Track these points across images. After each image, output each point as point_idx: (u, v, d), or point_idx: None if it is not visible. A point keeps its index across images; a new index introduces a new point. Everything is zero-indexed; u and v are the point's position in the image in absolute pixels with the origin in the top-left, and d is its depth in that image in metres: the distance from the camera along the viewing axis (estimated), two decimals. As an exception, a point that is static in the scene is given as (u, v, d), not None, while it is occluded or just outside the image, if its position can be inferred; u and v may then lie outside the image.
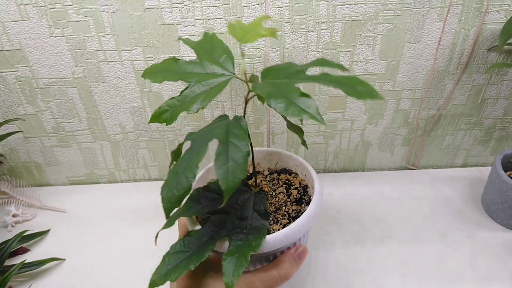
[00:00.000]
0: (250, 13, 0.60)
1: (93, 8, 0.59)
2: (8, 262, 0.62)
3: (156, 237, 0.39)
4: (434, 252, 0.62)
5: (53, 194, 0.78)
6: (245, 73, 0.41)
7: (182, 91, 0.39)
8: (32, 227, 0.69)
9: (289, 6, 0.60)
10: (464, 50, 0.66)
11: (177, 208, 0.35)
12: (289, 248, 0.44)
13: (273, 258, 0.44)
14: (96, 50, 0.63)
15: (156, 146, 0.76)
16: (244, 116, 0.40)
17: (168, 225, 0.39)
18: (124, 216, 0.71)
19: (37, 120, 0.71)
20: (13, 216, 0.70)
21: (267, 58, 0.65)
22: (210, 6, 0.60)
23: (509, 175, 0.67)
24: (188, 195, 0.43)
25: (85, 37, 0.62)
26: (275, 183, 0.54)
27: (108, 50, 0.64)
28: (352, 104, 0.72)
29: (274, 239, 0.40)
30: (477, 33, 0.64)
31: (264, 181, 0.55)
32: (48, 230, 0.69)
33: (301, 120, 0.52)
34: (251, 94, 0.40)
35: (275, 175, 0.55)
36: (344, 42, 0.64)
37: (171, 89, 0.68)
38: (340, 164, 0.81)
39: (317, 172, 0.82)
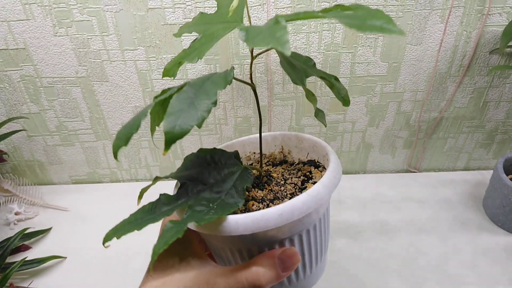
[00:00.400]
0: (252, 14, 0.61)
1: (97, 8, 0.60)
2: (9, 259, 0.63)
3: (140, 197, 0.36)
4: (435, 255, 0.61)
5: (55, 192, 0.78)
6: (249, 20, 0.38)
7: (193, 41, 0.35)
8: (34, 225, 0.70)
9: (291, 7, 0.61)
10: (466, 52, 0.66)
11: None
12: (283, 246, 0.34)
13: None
14: (100, 50, 0.64)
15: (158, 146, 0.77)
16: (251, 73, 0.36)
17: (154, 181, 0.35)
18: (126, 216, 0.71)
19: (40, 118, 0.72)
20: (16, 214, 0.71)
21: (268, 59, 0.65)
22: (212, 7, 0.60)
23: (511, 179, 0.67)
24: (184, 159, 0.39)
25: (88, 37, 0.63)
26: (292, 172, 0.43)
27: (111, 50, 0.64)
28: (353, 106, 0.72)
29: (243, 220, 0.31)
30: (479, 35, 0.64)
31: (280, 168, 0.46)
32: (50, 228, 0.69)
33: (318, 113, 0.43)
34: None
35: (300, 165, 0.45)
36: (345, 43, 0.64)
37: (173, 89, 0.69)
38: (341, 166, 0.81)
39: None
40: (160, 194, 0.35)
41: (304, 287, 0.39)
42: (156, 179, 0.36)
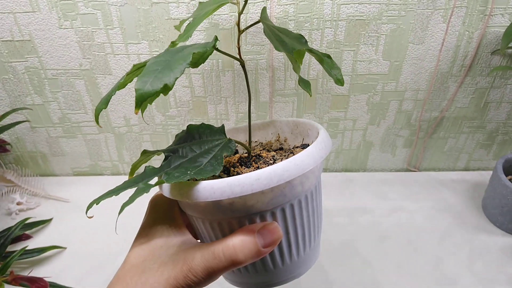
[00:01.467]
0: (255, 10, 0.61)
1: (102, 1, 0.61)
2: (10, 248, 0.64)
3: (132, 173, 0.37)
4: (433, 254, 0.62)
5: (57, 184, 0.79)
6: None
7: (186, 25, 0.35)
8: (36, 216, 0.71)
9: (294, 4, 0.61)
10: (468, 53, 0.66)
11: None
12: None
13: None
14: (104, 43, 0.65)
15: (160, 140, 0.77)
16: (239, 53, 0.37)
17: (143, 158, 0.36)
18: (126, 208, 0.72)
19: (44, 110, 0.73)
20: (18, 204, 0.71)
21: (270, 55, 0.66)
22: (216, 2, 0.61)
23: (510, 180, 0.67)
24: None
25: (93, 30, 0.63)
26: (284, 155, 0.42)
27: (115, 43, 0.65)
28: (354, 103, 0.72)
29: (218, 185, 0.29)
30: (481, 36, 0.64)
31: (274, 152, 0.44)
32: (51, 219, 0.70)
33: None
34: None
35: (293, 149, 0.44)
36: (347, 41, 0.65)
37: (176, 83, 0.69)
38: (342, 163, 0.82)
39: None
40: (146, 167, 0.35)
41: (291, 273, 0.37)
42: (144, 152, 0.37)
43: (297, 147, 0.43)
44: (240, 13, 0.36)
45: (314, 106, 0.72)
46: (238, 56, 0.36)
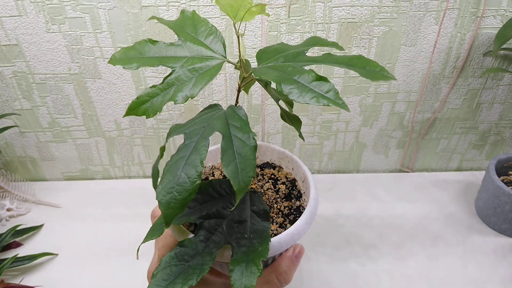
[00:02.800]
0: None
1: (90, 4, 0.60)
2: (1, 256, 0.63)
3: (138, 250, 0.33)
4: (426, 255, 0.62)
5: (47, 189, 0.78)
6: (240, 57, 0.37)
7: (165, 77, 0.34)
8: (26, 222, 0.70)
9: (286, 6, 0.60)
10: (460, 54, 0.66)
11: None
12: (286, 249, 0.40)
13: (271, 261, 0.40)
14: (93, 47, 0.64)
15: (151, 144, 0.76)
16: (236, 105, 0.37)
17: (152, 235, 0.33)
18: (118, 213, 0.71)
19: (33, 115, 0.71)
20: (8, 210, 0.70)
21: (263, 58, 0.65)
22: (206, 5, 0.60)
23: (502, 180, 0.67)
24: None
25: (81, 34, 0.62)
26: (260, 179, 0.48)
27: (105, 47, 0.64)
28: (347, 105, 0.72)
29: (280, 240, 0.36)
30: (473, 38, 0.64)
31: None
32: (41, 225, 0.69)
33: (291, 107, 0.45)
34: (245, 80, 0.38)
35: (258, 170, 0.50)
36: (340, 43, 0.64)
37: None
38: (335, 165, 0.82)
39: (311, 173, 0.82)
40: (179, 242, 0.35)
41: None
42: (155, 232, 0.34)
43: (260, 166, 0.50)
44: (244, 77, 0.37)
45: (307, 108, 0.72)
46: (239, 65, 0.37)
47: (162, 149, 0.32)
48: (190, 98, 0.33)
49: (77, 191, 0.77)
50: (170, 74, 0.34)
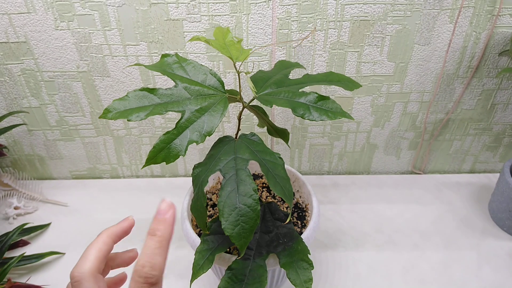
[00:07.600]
0: (257, 11, 0.60)
1: (99, 2, 0.59)
2: (7, 255, 0.62)
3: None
4: (438, 259, 0.60)
5: (55, 187, 0.78)
6: (239, 88, 0.41)
7: (177, 122, 0.36)
8: (33, 220, 0.69)
9: (297, 4, 0.59)
10: (475, 54, 0.64)
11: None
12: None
13: None
14: (101, 44, 0.63)
15: (159, 143, 0.76)
16: (236, 136, 0.40)
17: (198, 273, 0.39)
18: (126, 212, 0.70)
19: (41, 113, 0.71)
20: (15, 208, 0.70)
21: (273, 56, 0.64)
22: (216, 3, 0.59)
23: (517, 183, 0.65)
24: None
25: (90, 31, 0.62)
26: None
27: (113, 45, 0.63)
28: (358, 105, 0.71)
29: (308, 235, 0.43)
30: (488, 37, 0.62)
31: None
32: (49, 224, 0.69)
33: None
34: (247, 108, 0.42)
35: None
36: (351, 42, 0.63)
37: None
38: (345, 166, 0.80)
39: (321, 174, 0.81)
40: (228, 266, 0.39)
41: None
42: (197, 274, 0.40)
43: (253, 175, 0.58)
44: (245, 107, 0.41)
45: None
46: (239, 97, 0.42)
47: (203, 196, 0.36)
48: (208, 136, 0.36)
49: (85, 190, 0.77)
50: (181, 118, 0.37)
